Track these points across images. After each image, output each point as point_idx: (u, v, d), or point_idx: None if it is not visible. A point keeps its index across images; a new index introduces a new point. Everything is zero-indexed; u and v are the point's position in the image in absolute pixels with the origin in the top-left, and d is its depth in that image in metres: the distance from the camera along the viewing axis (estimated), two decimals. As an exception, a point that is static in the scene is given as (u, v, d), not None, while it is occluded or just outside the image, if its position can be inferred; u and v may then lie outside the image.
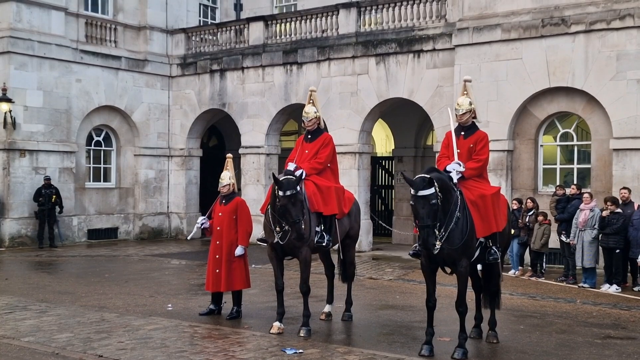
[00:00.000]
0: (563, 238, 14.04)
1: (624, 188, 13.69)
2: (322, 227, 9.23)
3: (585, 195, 13.71)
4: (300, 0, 24.53)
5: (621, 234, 12.98)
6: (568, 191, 14.57)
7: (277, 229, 8.85)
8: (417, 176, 7.68)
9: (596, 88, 15.29)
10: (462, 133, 8.53)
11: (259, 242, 9.66)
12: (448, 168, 8.10)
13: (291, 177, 8.77)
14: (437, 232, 7.49)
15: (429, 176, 7.52)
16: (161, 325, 9.32)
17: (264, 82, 21.53)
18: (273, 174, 9.18)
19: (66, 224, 20.81)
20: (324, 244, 9.22)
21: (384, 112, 20.42)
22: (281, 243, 8.89)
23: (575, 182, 15.73)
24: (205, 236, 11.15)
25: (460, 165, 8.13)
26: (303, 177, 9.08)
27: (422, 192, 7.39)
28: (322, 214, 9.23)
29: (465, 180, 8.15)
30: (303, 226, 8.61)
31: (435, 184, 7.47)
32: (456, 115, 8.58)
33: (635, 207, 13.28)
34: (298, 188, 8.61)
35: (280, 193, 8.57)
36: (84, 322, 9.51)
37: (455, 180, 7.98)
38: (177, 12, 24.04)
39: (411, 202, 7.53)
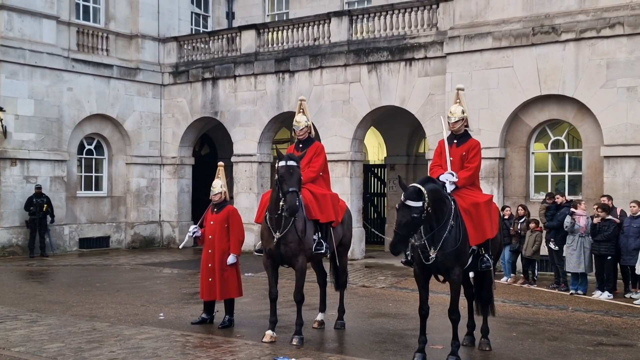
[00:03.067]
0: (551, 245, 14.07)
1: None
2: (320, 235, 9.25)
3: (584, 201, 13.78)
4: (292, 9, 24.60)
5: (612, 241, 13.03)
6: (557, 199, 14.58)
7: (277, 233, 8.85)
8: (411, 184, 7.65)
9: (587, 96, 15.36)
10: (455, 141, 8.56)
11: (256, 254, 9.65)
12: (441, 178, 8.10)
13: (294, 155, 8.95)
14: (412, 241, 7.53)
15: (422, 189, 7.46)
16: (153, 335, 9.28)
17: (256, 91, 21.54)
18: (278, 150, 9.28)
19: (57, 233, 20.72)
20: (322, 252, 9.23)
21: (376, 120, 20.46)
22: (280, 236, 8.87)
23: (566, 189, 15.79)
24: (197, 245, 11.13)
25: (453, 176, 8.14)
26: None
27: (408, 202, 7.36)
28: (319, 221, 9.24)
29: (458, 189, 8.17)
30: (297, 200, 8.58)
31: (426, 198, 7.42)
32: (448, 123, 8.61)
33: (618, 212, 13.35)
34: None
35: (282, 163, 8.66)
36: (75, 331, 9.46)
37: (449, 191, 7.99)
38: (169, 21, 24.05)
39: (396, 206, 7.52)
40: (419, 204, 7.34)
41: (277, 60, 20.99)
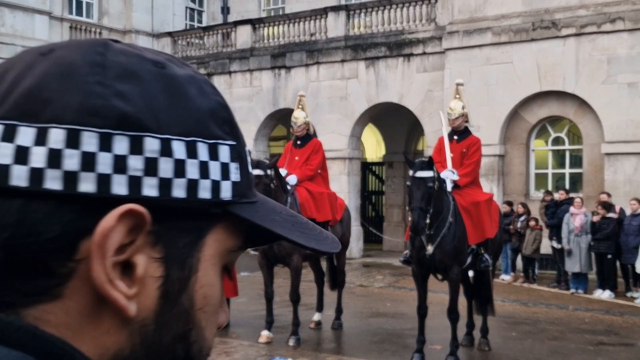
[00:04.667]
0: (554, 244, 13.95)
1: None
2: None
3: (577, 200, 13.64)
4: (288, 4, 24.43)
5: (612, 239, 12.91)
6: (557, 196, 14.48)
7: None
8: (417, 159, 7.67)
9: (587, 92, 15.23)
10: (455, 138, 8.46)
11: (252, 252, 9.55)
12: (442, 176, 7.97)
13: (265, 161, 8.77)
14: (428, 218, 7.32)
15: (428, 159, 7.52)
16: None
17: (252, 87, 21.37)
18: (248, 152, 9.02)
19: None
20: None
21: (373, 116, 20.32)
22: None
23: (567, 186, 15.68)
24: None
25: (454, 173, 8.02)
26: (295, 182, 9.06)
27: (419, 174, 7.31)
28: (315, 220, 9.09)
29: (460, 188, 8.06)
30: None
31: (435, 168, 7.42)
32: (449, 119, 8.49)
33: (617, 210, 13.23)
34: (269, 172, 8.47)
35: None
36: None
37: (449, 189, 7.89)
38: (163, 16, 23.88)
39: (408, 183, 7.47)
40: (431, 173, 7.32)
41: (273, 56, 20.82)
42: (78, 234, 0.57)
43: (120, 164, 0.57)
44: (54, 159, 0.56)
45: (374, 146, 25.66)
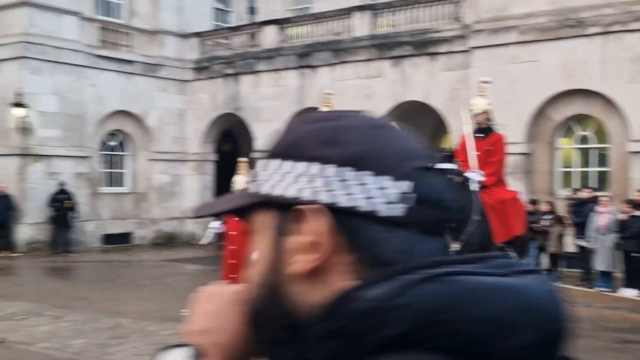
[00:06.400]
0: (580, 242, 13.88)
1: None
2: None
3: (604, 198, 13.56)
4: (314, 3, 24.48)
5: (639, 237, 12.81)
6: (582, 194, 14.39)
7: None
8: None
9: (613, 90, 15.12)
10: (479, 135, 8.42)
11: None
12: (467, 176, 7.95)
13: None
14: None
15: (449, 152, 7.49)
16: (176, 331, 9.25)
17: (278, 86, 21.49)
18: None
19: (81, 230, 20.82)
20: None
21: (399, 115, 20.30)
22: None
23: (592, 185, 15.58)
24: (220, 241, 11.10)
25: (479, 174, 7.99)
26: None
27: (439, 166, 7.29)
28: None
29: (486, 188, 8.04)
30: None
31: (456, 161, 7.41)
32: (471, 115, 8.48)
33: None
34: None
35: None
36: (98, 327, 9.49)
37: (475, 189, 7.86)
38: (191, 16, 24.03)
39: None
40: (452, 166, 7.27)
41: (299, 56, 20.90)
42: None
43: None
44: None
45: (398, 145, 25.59)
